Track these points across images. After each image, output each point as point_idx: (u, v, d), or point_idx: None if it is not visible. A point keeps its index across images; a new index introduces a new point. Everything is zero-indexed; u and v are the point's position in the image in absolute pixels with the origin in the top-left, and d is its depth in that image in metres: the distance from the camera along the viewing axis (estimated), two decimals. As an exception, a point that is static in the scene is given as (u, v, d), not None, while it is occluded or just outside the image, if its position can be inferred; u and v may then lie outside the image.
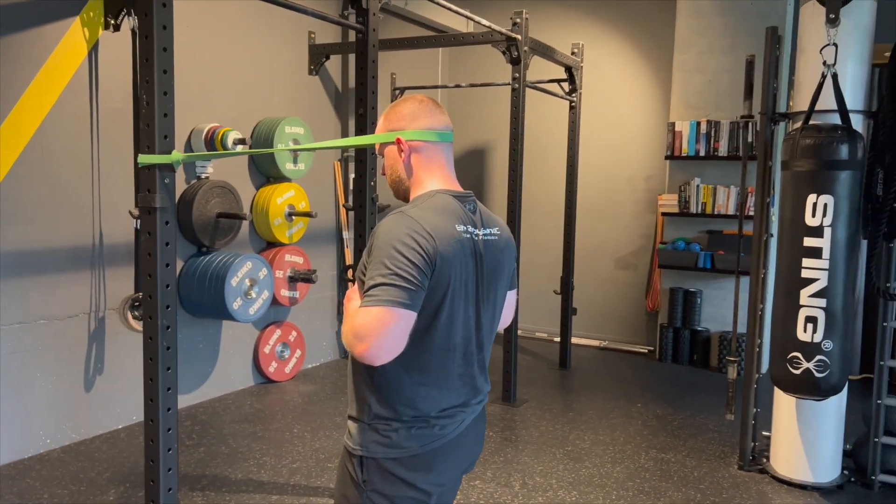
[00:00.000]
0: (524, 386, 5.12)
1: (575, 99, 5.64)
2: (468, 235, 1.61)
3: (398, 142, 1.67)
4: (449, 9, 4.26)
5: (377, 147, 1.75)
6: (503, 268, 1.73)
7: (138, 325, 3.96)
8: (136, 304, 3.89)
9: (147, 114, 2.36)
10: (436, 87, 6.70)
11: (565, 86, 5.65)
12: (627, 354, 6.25)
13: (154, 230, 2.39)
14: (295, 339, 5.23)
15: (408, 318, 1.47)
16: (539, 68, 5.57)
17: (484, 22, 4.50)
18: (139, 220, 2.52)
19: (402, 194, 1.73)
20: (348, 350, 1.51)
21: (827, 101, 3.27)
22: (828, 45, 3.23)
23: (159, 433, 2.45)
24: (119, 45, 3.92)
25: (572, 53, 5.57)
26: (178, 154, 2.37)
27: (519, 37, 4.63)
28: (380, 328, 1.43)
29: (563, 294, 5.74)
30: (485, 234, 1.67)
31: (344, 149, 5.69)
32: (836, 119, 3.26)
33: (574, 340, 6.08)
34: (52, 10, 3.66)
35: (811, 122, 3.31)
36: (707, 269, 5.67)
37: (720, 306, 5.81)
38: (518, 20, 4.66)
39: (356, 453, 1.61)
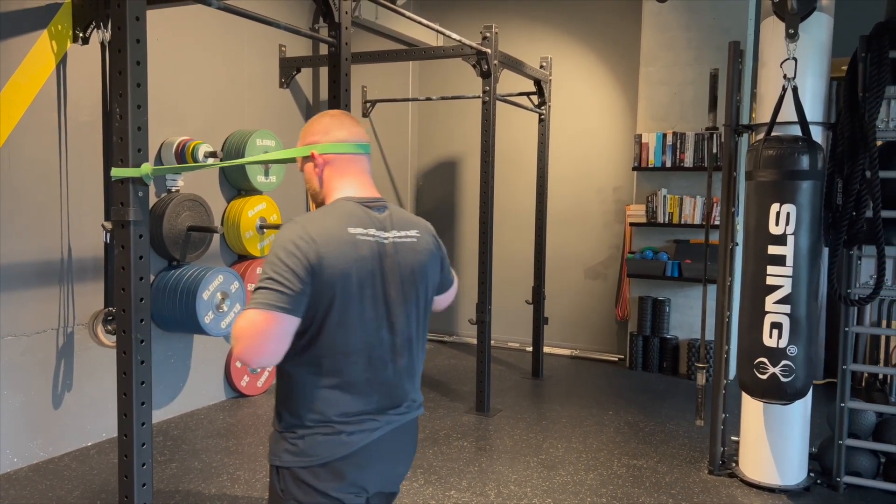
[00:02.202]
0: (497, 395, 5.15)
1: (544, 112, 5.72)
2: (369, 238, 1.64)
3: (313, 156, 1.74)
4: (420, 23, 4.31)
5: (298, 163, 1.81)
6: (425, 269, 1.76)
7: (109, 340, 3.91)
8: (109, 318, 3.84)
9: (120, 127, 2.35)
10: (407, 99, 6.74)
11: (535, 99, 5.73)
12: (599, 363, 6.32)
13: (128, 244, 2.38)
14: (267, 353, 5.19)
15: (283, 321, 1.50)
16: (509, 81, 5.64)
17: (454, 36, 4.55)
18: (110, 234, 2.50)
19: (319, 205, 1.78)
20: None
21: (788, 113, 3.38)
22: (787, 59, 3.34)
23: (133, 448, 2.42)
24: (88, 58, 3.89)
25: (541, 67, 5.66)
26: (147, 167, 2.36)
27: (489, 50, 4.70)
28: (252, 330, 1.49)
29: (534, 304, 5.79)
30: (396, 237, 1.71)
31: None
32: (796, 130, 3.36)
33: (546, 350, 6.13)
34: (19, 23, 3.63)
35: (773, 134, 3.41)
36: (675, 278, 5.77)
37: (688, 314, 5.92)
38: (488, 34, 4.72)
39: (273, 463, 1.67)
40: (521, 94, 5.75)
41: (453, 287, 1.98)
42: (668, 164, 5.82)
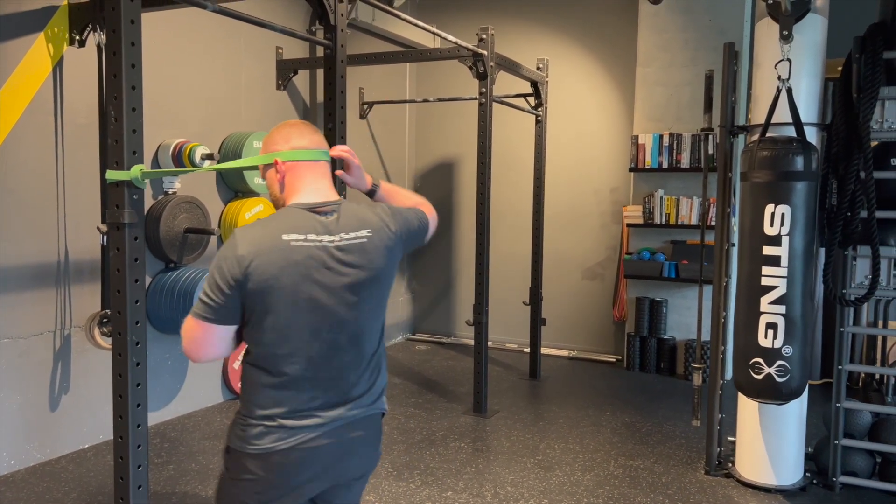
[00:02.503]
0: (495, 397, 5.16)
1: (541, 113, 5.73)
2: (306, 243, 1.70)
3: (276, 163, 1.82)
4: (416, 25, 4.32)
5: (260, 170, 1.90)
6: (377, 268, 1.79)
7: (105, 343, 3.91)
8: (105, 320, 3.85)
9: (115, 130, 2.36)
10: (404, 101, 6.75)
11: (531, 100, 5.74)
12: (596, 364, 6.32)
13: (123, 246, 2.38)
14: (265, 355, 5.19)
15: (210, 329, 1.68)
16: (505, 83, 5.65)
17: (450, 38, 4.56)
18: (106, 236, 2.51)
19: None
20: None
21: (783, 114, 3.39)
22: (782, 60, 3.35)
23: (129, 450, 2.43)
24: (84, 61, 3.90)
25: (537, 68, 5.67)
26: (137, 170, 2.35)
27: (485, 52, 4.71)
28: (188, 334, 1.70)
29: (532, 305, 5.80)
30: (343, 239, 1.75)
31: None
32: (791, 131, 3.38)
33: (544, 351, 6.14)
34: (15, 26, 3.63)
35: (768, 135, 3.42)
36: (672, 279, 5.78)
37: (685, 315, 5.93)
38: (484, 36, 4.73)
39: (225, 443, 1.80)
40: (517, 95, 5.76)
41: (431, 223, 2.02)
42: (665, 165, 5.83)
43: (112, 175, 2.36)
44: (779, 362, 3.32)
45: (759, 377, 3.37)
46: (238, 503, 1.77)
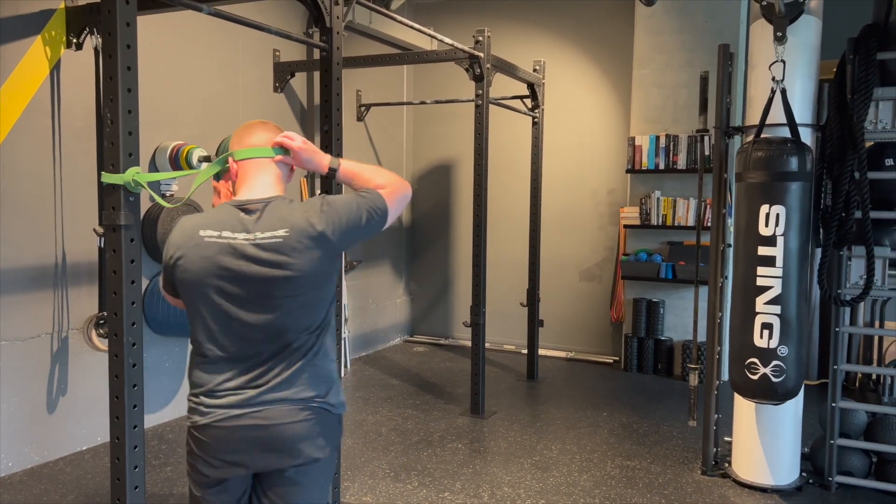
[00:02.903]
0: (492, 398, 5.16)
1: (538, 115, 5.75)
2: (218, 240, 1.79)
3: (231, 163, 1.92)
4: (413, 27, 4.33)
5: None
6: (297, 266, 1.78)
7: (103, 345, 3.92)
8: (102, 321, 3.85)
9: (111, 132, 2.36)
10: (401, 103, 6.76)
11: (528, 102, 5.75)
12: (594, 365, 6.33)
13: (119, 247, 2.39)
14: (262, 356, 5.20)
15: (169, 297, 1.96)
16: (502, 85, 5.67)
17: (447, 40, 4.58)
18: (103, 238, 2.52)
19: None
20: None
21: (777, 115, 3.40)
22: (776, 61, 3.37)
23: (125, 451, 2.43)
24: (81, 64, 3.91)
25: (534, 70, 5.68)
26: (131, 173, 2.35)
27: (481, 54, 4.72)
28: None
29: (529, 306, 5.81)
30: (260, 238, 1.78)
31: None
32: (786, 132, 3.39)
33: (541, 352, 6.15)
34: (12, 29, 3.65)
35: (763, 136, 3.43)
36: (669, 280, 5.79)
37: (682, 315, 5.93)
38: (480, 38, 4.75)
39: None
40: (514, 97, 5.77)
41: (392, 207, 1.90)
42: (662, 167, 5.85)
43: (107, 178, 2.37)
44: (774, 362, 3.33)
45: (755, 377, 3.38)
46: (188, 476, 1.94)
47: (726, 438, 4.00)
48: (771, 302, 3.34)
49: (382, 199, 1.90)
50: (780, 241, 3.31)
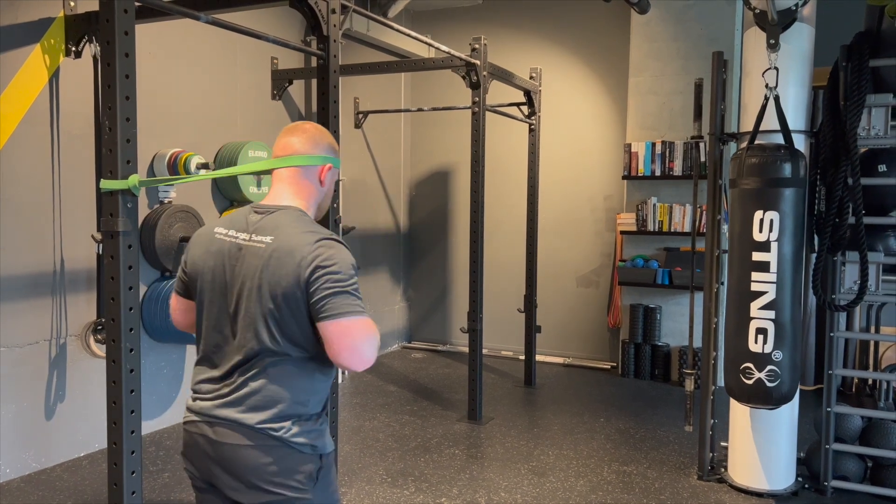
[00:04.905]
0: (490, 404, 5.17)
1: (534, 122, 5.78)
2: (225, 238, 1.81)
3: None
4: (410, 35, 4.36)
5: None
6: (264, 277, 1.69)
7: (100, 351, 3.94)
8: (100, 328, 3.87)
9: (109, 139, 2.39)
10: (399, 110, 6.80)
11: (525, 109, 5.78)
12: (591, 371, 6.34)
13: (117, 254, 2.41)
14: (260, 363, 5.21)
15: (177, 299, 1.94)
16: (499, 92, 5.70)
17: (444, 48, 4.61)
18: (102, 245, 2.54)
19: None
20: None
21: (771, 121, 3.43)
22: (769, 68, 3.40)
23: (123, 456, 2.44)
24: (80, 72, 3.94)
25: (530, 78, 5.72)
26: (134, 178, 2.38)
27: (478, 62, 4.75)
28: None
29: (526, 312, 5.83)
30: (252, 240, 1.75)
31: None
32: (779, 139, 3.42)
33: (539, 358, 6.16)
34: (12, 38, 3.67)
35: (756, 142, 3.46)
36: (665, 286, 5.81)
37: (679, 321, 5.95)
38: (477, 46, 4.78)
39: None
40: (511, 104, 5.80)
41: (339, 328, 1.64)
42: (658, 173, 5.87)
43: (106, 184, 2.39)
44: (769, 367, 3.35)
45: (750, 382, 3.39)
46: None
47: (722, 443, 4.02)
48: (765, 307, 3.36)
49: (338, 349, 1.66)
50: (773, 246, 3.33)
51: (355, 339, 1.64)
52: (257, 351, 1.72)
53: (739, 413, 3.75)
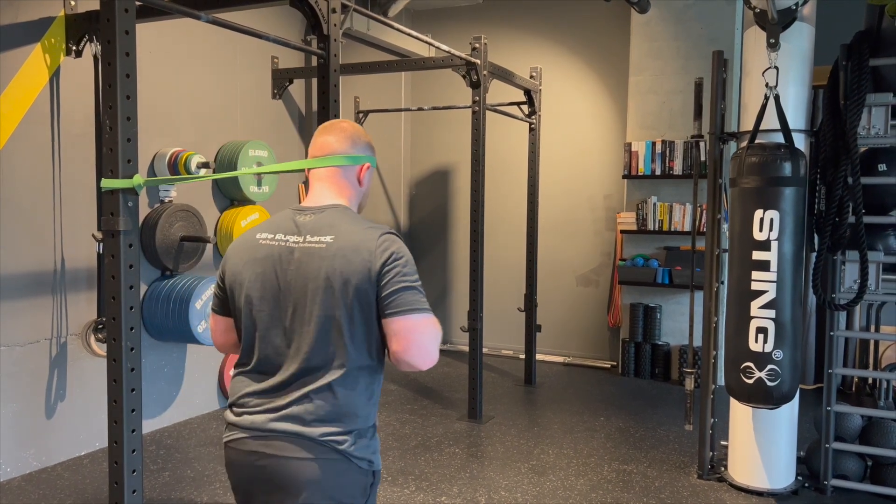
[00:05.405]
0: (490, 403, 5.18)
1: (534, 121, 5.78)
2: (272, 242, 1.71)
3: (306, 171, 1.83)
4: (410, 34, 4.36)
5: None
6: (329, 277, 1.62)
7: (101, 350, 3.94)
8: (100, 326, 3.87)
9: (110, 139, 2.39)
10: (399, 110, 6.80)
11: (525, 108, 5.79)
12: (591, 370, 6.35)
13: (118, 253, 2.41)
14: (261, 362, 5.21)
15: (214, 319, 1.84)
16: (499, 91, 5.70)
17: (444, 47, 4.61)
18: (102, 244, 2.54)
19: None
20: None
21: (771, 120, 3.43)
22: (769, 68, 3.40)
23: (123, 455, 2.45)
24: (80, 71, 3.94)
25: (531, 77, 5.72)
26: (139, 178, 2.40)
27: (478, 61, 4.75)
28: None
29: (526, 311, 5.83)
30: (308, 241, 1.67)
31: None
32: (779, 138, 3.42)
33: (539, 357, 6.17)
34: (12, 37, 3.67)
35: (756, 142, 3.46)
36: (666, 285, 5.82)
37: (679, 320, 5.95)
38: (477, 45, 4.78)
39: None
40: (511, 103, 5.80)
41: (408, 325, 1.61)
42: (658, 172, 5.88)
43: (107, 183, 2.39)
44: (769, 366, 3.35)
45: (750, 381, 3.40)
46: None
47: (722, 442, 4.02)
48: (765, 306, 3.36)
49: (397, 344, 1.63)
50: (774, 245, 3.34)
51: (423, 336, 1.63)
52: (321, 358, 1.64)
53: (739, 412, 3.75)
